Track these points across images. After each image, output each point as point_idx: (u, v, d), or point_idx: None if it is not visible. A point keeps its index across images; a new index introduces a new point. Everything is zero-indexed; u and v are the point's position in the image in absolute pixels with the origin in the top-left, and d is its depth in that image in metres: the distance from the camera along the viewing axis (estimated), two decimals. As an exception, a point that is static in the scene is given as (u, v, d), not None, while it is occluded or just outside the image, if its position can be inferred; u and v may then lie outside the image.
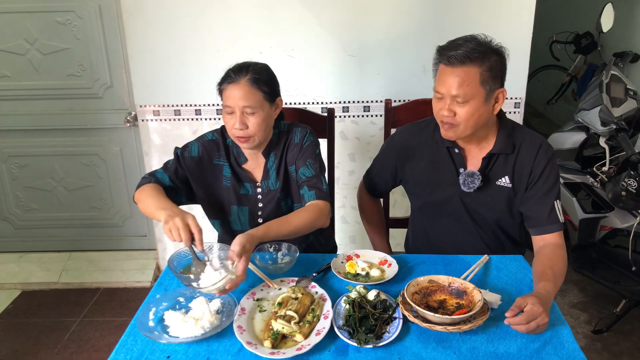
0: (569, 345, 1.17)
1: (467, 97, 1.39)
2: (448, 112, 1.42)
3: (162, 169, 1.59)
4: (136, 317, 1.26)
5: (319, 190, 1.53)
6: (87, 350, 2.37)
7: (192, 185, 1.61)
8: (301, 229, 1.45)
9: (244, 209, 1.63)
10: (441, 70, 1.43)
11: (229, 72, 1.49)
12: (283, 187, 1.62)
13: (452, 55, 1.38)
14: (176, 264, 1.48)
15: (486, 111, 1.43)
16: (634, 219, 2.34)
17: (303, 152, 1.58)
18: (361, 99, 2.51)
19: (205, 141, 1.62)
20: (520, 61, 2.38)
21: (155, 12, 2.38)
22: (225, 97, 1.48)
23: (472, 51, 1.37)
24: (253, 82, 1.46)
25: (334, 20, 2.37)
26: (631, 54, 3.53)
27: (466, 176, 1.53)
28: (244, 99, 1.45)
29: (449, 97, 1.41)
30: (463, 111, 1.41)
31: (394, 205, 2.55)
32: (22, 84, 2.71)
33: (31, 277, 2.90)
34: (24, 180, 2.94)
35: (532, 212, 1.52)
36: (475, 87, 1.38)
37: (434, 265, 1.50)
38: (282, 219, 1.45)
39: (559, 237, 1.49)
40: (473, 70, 1.38)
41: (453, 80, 1.39)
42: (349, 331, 1.20)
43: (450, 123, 1.44)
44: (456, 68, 1.38)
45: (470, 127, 1.44)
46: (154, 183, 1.52)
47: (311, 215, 1.47)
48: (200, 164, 1.60)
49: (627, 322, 2.45)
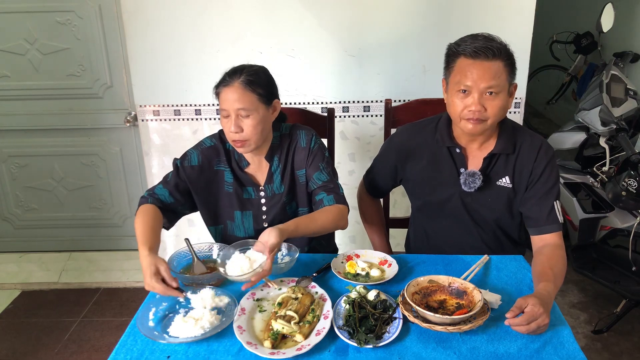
0: (569, 345, 1.17)
1: (499, 89, 1.39)
2: (479, 107, 1.40)
3: (162, 183, 1.58)
4: (136, 317, 1.26)
5: (337, 194, 1.56)
6: (87, 350, 2.37)
7: (194, 194, 1.59)
8: (326, 228, 1.49)
9: (248, 213, 1.62)
10: (465, 64, 1.39)
11: (224, 76, 1.48)
12: (289, 191, 1.61)
13: (478, 48, 1.37)
14: (176, 264, 1.49)
15: (508, 105, 1.45)
16: (634, 219, 2.34)
17: (314, 157, 1.58)
18: (361, 99, 2.51)
19: (204, 148, 1.60)
20: (520, 61, 2.34)
21: (155, 12, 2.38)
22: (221, 100, 1.48)
23: (492, 44, 1.37)
24: (247, 84, 1.45)
25: (334, 20, 2.37)
26: (631, 54, 3.53)
27: (467, 176, 1.53)
28: (238, 101, 1.44)
29: (477, 90, 1.39)
30: (494, 104, 1.40)
31: (394, 205, 2.55)
32: (22, 84, 2.71)
33: (31, 277, 2.90)
34: (24, 180, 2.94)
35: (532, 212, 1.52)
36: (504, 78, 1.39)
37: (434, 265, 1.50)
38: (309, 217, 1.49)
39: (558, 237, 1.48)
40: (499, 63, 1.38)
41: (484, 73, 1.37)
42: (349, 331, 1.20)
43: (479, 119, 1.41)
44: (484, 61, 1.37)
45: (498, 120, 1.45)
46: (151, 204, 1.51)
47: (335, 216, 1.51)
48: (201, 172, 1.58)
49: (627, 322, 2.45)
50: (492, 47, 1.37)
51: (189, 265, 1.48)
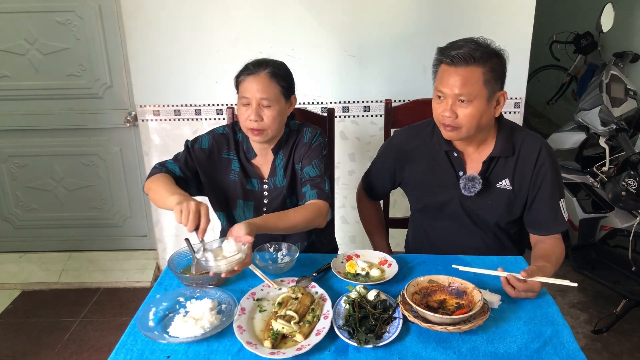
0: (569, 345, 1.17)
1: (470, 97, 1.38)
2: (450, 113, 1.40)
3: (173, 160, 1.61)
4: (136, 317, 1.26)
5: (320, 190, 1.55)
6: (87, 350, 2.37)
7: (201, 176, 1.63)
8: (298, 226, 1.47)
9: (250, 204, 1.65)
10: (443, 70, 1.42)
11: (248, 65, 1.52)
12: (289, 185, 1.63)
13: (455, 55, 1.37)
14: (176, 263, 1.48)
15: (488, 113, 1.43)
16: (634, 219, 2.34)
17: (310, 152, 1.61)
18: (361, 99, 2.51)
19: (216, 134, 1.64)
20: (520, 61, 2.38)
21: (155, 12, 2.38)
22: (242, 88, 1.51)
23: (474, 51, 1.36)
24: (272, 76, 1.49)
25: (334, 20, 2.37)
26: (631, 54, 3.53)
27: (467, 180, 1.52)
28: (262, 91, 1.48)
29: (451, 97, 1.40)
30: (466, 112, 1.40)
31: (394, 205, 2.55)
32: (22, 84, 2.71)
33: (31, 277, 2.90)
34: (24, 180, 2.94)
35: (540, 217, 1.53)
36: (479, 86, 1.38)
37: (434, 265, 1.50)
38: (280, 214, 1.48)
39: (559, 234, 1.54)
40: (477, 70, 1.37)
41: (456, 79, 1.37)
42: (349, 331, 1.20)
43: (451, 125, 1.43)
44: (459, 68, 1.37)
45: (472, 129, 1.43)
46: (165, 173, 1.54)
47: (309, 214, 1.49)
48: (210, 156, 1.62)
49: (627, 322, 2.45)
50: (470, 54, 1.36)
51: (189, 265, 1.48)
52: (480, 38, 1.41)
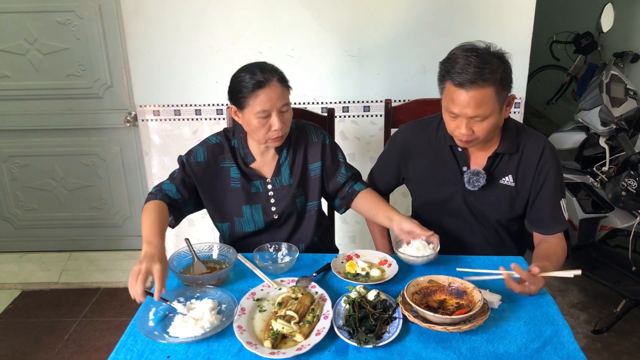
0: (569, 345, 1.17)
1: (485, 115, 1.37)
2: (466, 131, 1.40)
3: (169, 179, 1.59)
4: (136, 317, 1.26)
5: (363, 180, 1.72)
6: (87, 350, 2.37)
7: (199, 191, 1.60)
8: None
9: (257, 206, 1.62)
10: (452, 91, 1.37)
11: (256, 79, 1.43)
12: (299, 184, 1.63)
13: (463, 79, 1.33)
14: (176, 264, 1.49)
15: (501, 118, 1.44)
16: (634, 219, 2.34)
17: (331, 151, 1.65)
18: (361, 99, 2.51)
19: (209, 145, 1.61)
20: (520, 61, 2.38)
21: (155, 12, 2.38)
22: (259, 102, 1.44)
23: (481, 70, 1.32)
24: (282, 81, 1.50)
25: (334, 21, 2.37)
26: (631, 54, 3.53)
27: (471, 174, 1.53)
28: (280, 98, 1.47)
29: (464, 117, 1.39)
30: (482, 126, 1.40)
31: (394, 205, 2.52)
32: (22, 84, 2.71)
33: (31, 277, 2.90)
34: (24, 180, 2.94)
35: (540, 215, 1.54)
36: (492, 103, 1.36)
37: (434, 265, 1.50)
38: (386, 204, 1.61)
39: (561, 233, 1.55)
40: (488, 90, 1.34)
41: (468, 102, 1.35)
42: (349, 331, 1.20)
43: (467, 140, 1.44)
44: (470, 90, 1.34)
45: (488, 136, 1.45)
46: (159, 200, 1.52)
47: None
48: (207, 168, 1.59)
49: (627, 322, 2.45)
50: (478, 74, 1.31)
51: (189, 265, 1.49)
52: (480, 46, 1.37)
